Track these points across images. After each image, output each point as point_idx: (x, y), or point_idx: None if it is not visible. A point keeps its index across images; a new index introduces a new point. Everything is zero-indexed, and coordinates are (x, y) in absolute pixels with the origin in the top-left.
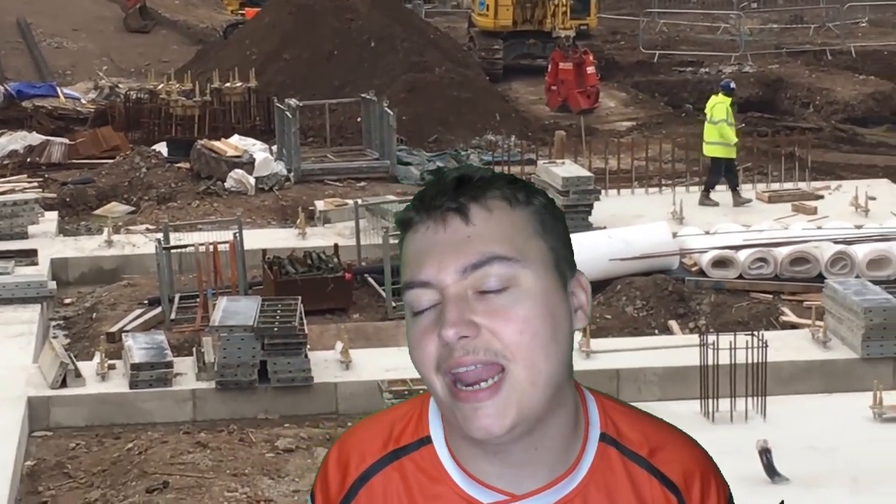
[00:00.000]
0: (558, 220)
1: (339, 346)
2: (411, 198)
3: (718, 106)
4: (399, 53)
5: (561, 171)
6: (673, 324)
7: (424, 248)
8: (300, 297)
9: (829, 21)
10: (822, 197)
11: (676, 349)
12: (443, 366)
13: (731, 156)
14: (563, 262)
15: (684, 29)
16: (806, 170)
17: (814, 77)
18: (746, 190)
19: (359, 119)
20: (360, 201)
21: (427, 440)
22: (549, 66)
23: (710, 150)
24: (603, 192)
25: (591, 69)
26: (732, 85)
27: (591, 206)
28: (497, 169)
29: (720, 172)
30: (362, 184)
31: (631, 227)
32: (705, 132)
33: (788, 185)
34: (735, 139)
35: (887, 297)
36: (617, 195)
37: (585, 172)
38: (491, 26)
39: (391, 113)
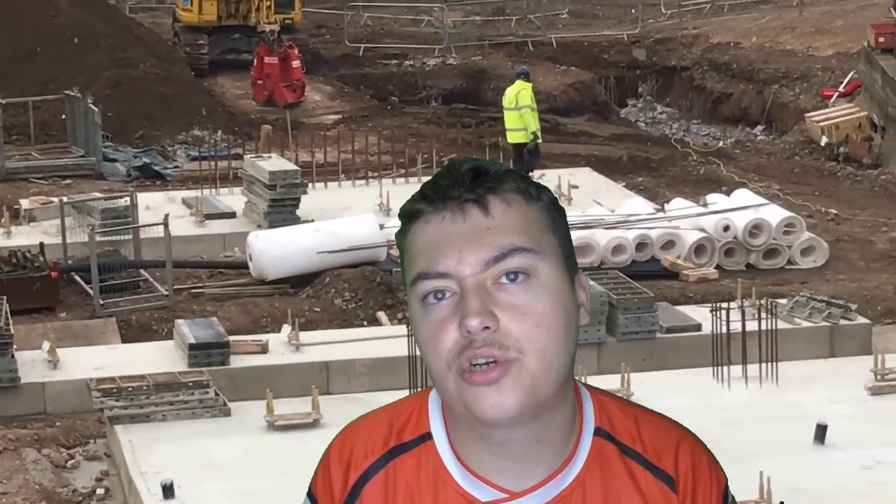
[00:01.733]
0: (563, 217)
1: (46, 345)
2: (118, 194)
3: (523, 92)
4: (103, 50)
5: (268, 165)
6: (381, 315)
7: (442, 238)
8: (5, 297)
9: (531, 13)
10: None
11: (385, 340)
12: (459, 359)
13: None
14: (571, 258)
15: (389, 22)
16: (510, 160)
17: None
18: None
19: (63, 116)
20: (65, 199)
21: (428, 436)
22: (255, 61)
23: (513, 137)
24: (310, 185)
25: (296, 63)
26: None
27: (298, 199)
28: (204, 164)
29: (524, 158)
30: (68, 181)
31: (338, 220)
32: (507, 120)
33: None
34: (537, 125)
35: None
36: (324, 188)
37: (292, 166)
38: (195, 21)
39: (96, 109)
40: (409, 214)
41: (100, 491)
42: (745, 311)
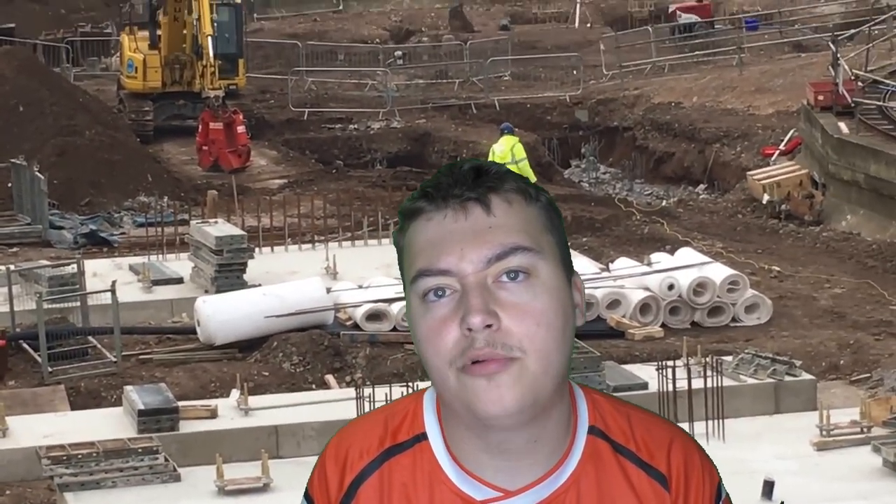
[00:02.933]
0: (560, 218)
1: None
2: (65, 261)
3: (518, 146)
4: (48, 117)
5: (214, 230)
6: (330, 378)
7: (443, 236)
8: None
9: (473, 75)
10: None
11: (334, 403)
12: (460, 358)
13: None
14: (567, 259)
15: (332, 86)
16: None
17: (460, 130)
18: None
19: (9, 184)
20: (12, 267)
21: (423, 437)
22: (200, 127)
23: None
24: (257, 249)
25: (241, 128)
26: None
27: (245, 264)
28: (150, 230)
29: None
30: (14, 249)
31: (285, 284)
32: None
33: None
34: (534, 177)
35: None
36: (271, 252)
37: (238, 231)
38: (140, 88)
39: (42, 177)
40: (410, 212)
41: None
42: (691, 368)
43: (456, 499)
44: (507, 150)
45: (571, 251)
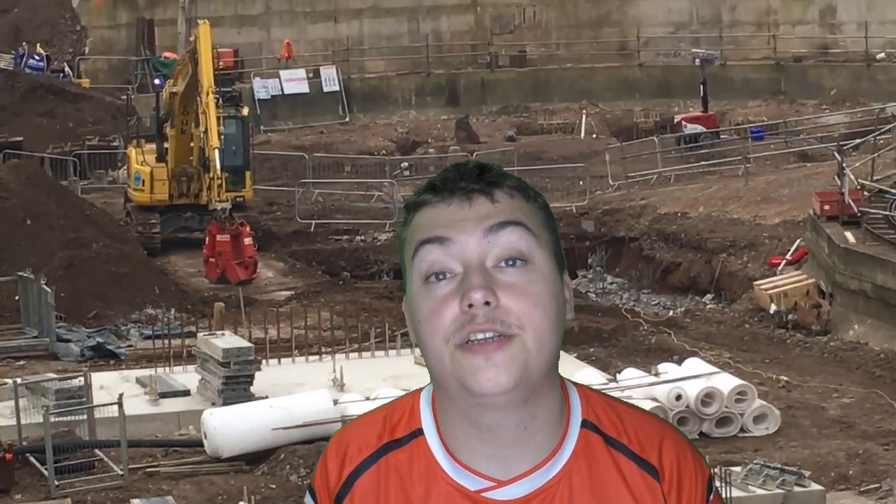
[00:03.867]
0: (555, 223)
1: None
2: (72, 374)
3: None
4: (55, 230)
5: (221, 342)
6: None
7: (446, 216)
8: None
9: None
10: None
11: None
12: (458, 334)
13: None
14: (561, 257)
15: (339, 198)
16: None
17: None
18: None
19: (16, 297)
20: (19, 380)
21: (419, 432)
22: (207, 239)
23: None
24: (264, 361)
25: (248, 240)
26: None
27: (252, 376)
28: (157, 343)
29: None
30: (21, 363)
31: (292, 396)
32: None
33: None
34: None
35: None
36: (278, 364)
37: (245, 343)
38: (147, 201)
39: (49, 290)
40: (415, 205)
41: None
42: None
43: (451, 490)
44: None
45: (578, 361)
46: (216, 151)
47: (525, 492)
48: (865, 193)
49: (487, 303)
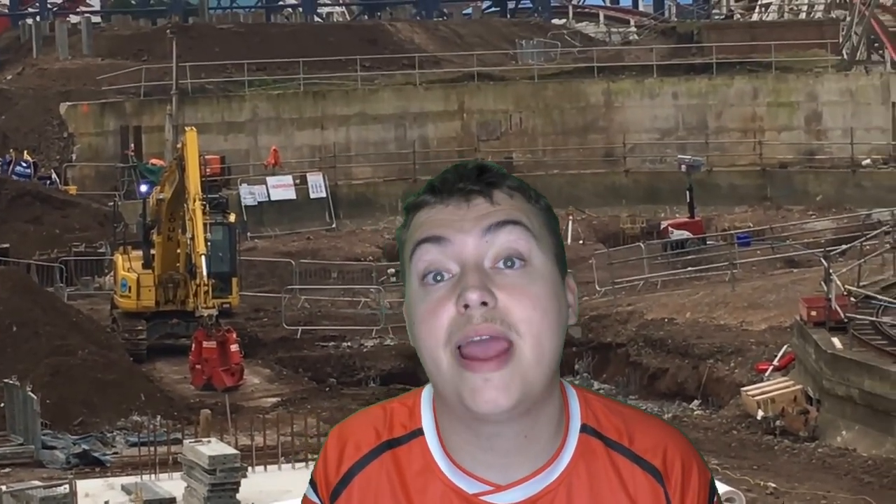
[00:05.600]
0: (557, 225)
1: None
2: (58, 482)
3: None
4: (41, 337)
5: (207, 449)
6: None
7: (444, 216)
8: None
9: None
10: None
11: None
12: (455, 336)
13: None
14: (562, 260)
15: (326, 304)
16: None
17: None
18: None
19: (2, 404)
20: (4, 488)
21: (419, 432)
22: (193, 346)
23: None
24: (250, 469)
25: (234, 347)
26: None
27: (238, 483)
28: (143, 450)
29: None
30: (6, 470)
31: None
32: None
33: None
34: None
35: None
36: (264, 472)
37: (231, 450)
38: (134, 307)
39: (34, 397)
40: (414, 205)
41: None
42: None
43: (449, 492)
44: None
45: None
46: (203, 258)
47: (523, 496)
48: (852, 299)
49: (484, 303)
